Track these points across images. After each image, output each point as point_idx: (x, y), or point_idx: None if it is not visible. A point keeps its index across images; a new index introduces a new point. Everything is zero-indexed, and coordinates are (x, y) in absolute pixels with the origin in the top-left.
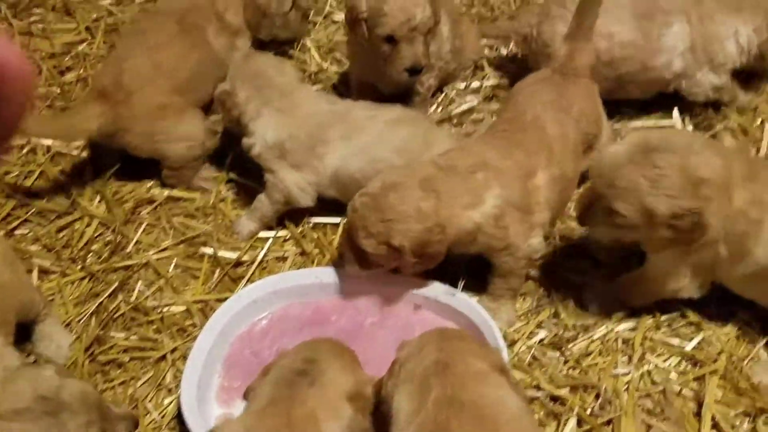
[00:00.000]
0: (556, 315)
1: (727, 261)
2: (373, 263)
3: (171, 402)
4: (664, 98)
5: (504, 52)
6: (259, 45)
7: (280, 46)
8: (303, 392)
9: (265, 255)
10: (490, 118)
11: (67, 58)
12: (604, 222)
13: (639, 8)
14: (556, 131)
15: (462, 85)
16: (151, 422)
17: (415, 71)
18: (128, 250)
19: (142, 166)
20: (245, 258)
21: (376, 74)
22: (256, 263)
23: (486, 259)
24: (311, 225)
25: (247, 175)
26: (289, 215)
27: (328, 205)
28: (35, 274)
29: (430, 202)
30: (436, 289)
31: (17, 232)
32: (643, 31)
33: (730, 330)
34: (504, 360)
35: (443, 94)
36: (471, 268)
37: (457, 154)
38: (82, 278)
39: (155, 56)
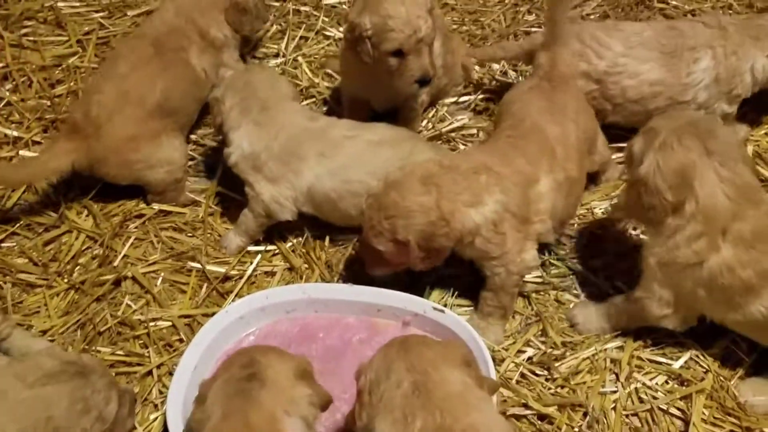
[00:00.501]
0: (544, 333)
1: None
2: (390, 263)
3: (156, 418)
4: None
5: (495, 67)
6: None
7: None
8: (256, 399)
9: (254, 270)
10: (480, 134)
11: (57, 71)
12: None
13: (665, 46)
14: (556, 133)
15: (452, 101)
16: None
17: (424, 82)
18: (115, 264)
19: None
20: (233, 273)
21: (370, 90)
22: (244, 278)
23: (480, 272)
24: (301, 241)
25: (237, 190)
26: (279, 231)
27: (318, 221)
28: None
29: (432, 197)
30: (425, 306)
31: (4, 245)
32: (671, 69)
33: (717, 349)
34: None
35: (434, 110)
36: (461, 285)
37: (460, 157)
38: (68, 289)
39: (123, 85)
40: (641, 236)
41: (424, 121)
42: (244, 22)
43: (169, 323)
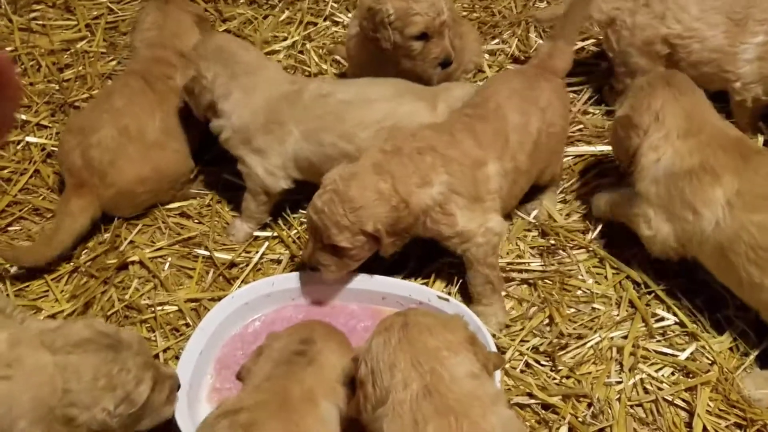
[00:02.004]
0: (550, 320)
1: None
2: (351, 259)
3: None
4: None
5: (508, 50)
6: None
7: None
8: (301, 371)
9: (261, 257)
10: None
11: (66, 55)
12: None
13: (734, 14)
14: (516, 121)
15: None
16: None
17: (447, 63)
18: (122, 248)
19: None
20: (239, 259)
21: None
22: (250, 265)
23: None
24: (305, 227)
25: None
26: (285, 219)
27: None
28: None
29: (387, 183)
30: (429, 294)
31: (11, 228)
32: (731, 38)
33: (723, 340)
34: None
35: None
36: (465, 273)
37: (402, 139)
38: (73, 273)
39: (120, 122)
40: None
41: None
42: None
43: (176, 308)
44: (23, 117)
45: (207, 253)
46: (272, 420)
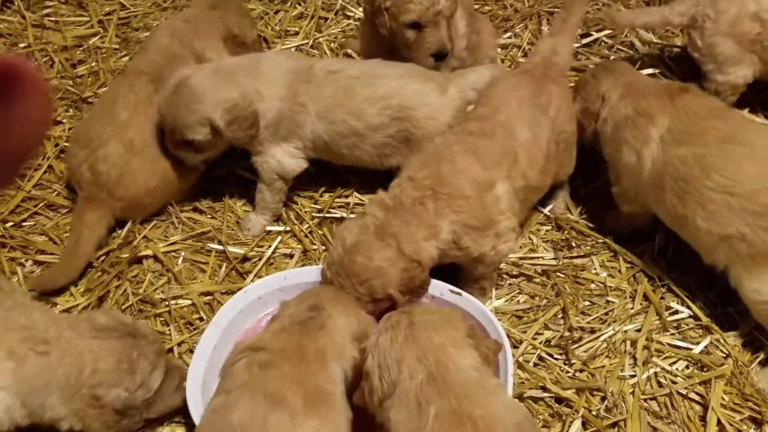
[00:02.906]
0: (563, 316)
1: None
2: (373, 312)
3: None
4: None
5: (521, 44)
6: None
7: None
8: (314, 332)
9: (273, 252)
10: None
11: (79, 51)
12: None
13: None
14: (526, 135)
15: None
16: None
17: (441, 56)
18: (135, 243)
19: None
20: (252, 254)
21: None
22: (263, 259)
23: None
24: (317, 222)
25: (254, 171)
26: (296, 213)
27: (335, 203)
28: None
29: (393, 247)
30: (442, 288)
31: (25, 224)
32: None
33: (738, 334)
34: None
35: None
36: None
37: (404, 187)
38: (87, 267)
39: (125, 135)
40: None
41: None
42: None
43: (190, 301)
44: None
45: (220, 247)
46: (287, 365)
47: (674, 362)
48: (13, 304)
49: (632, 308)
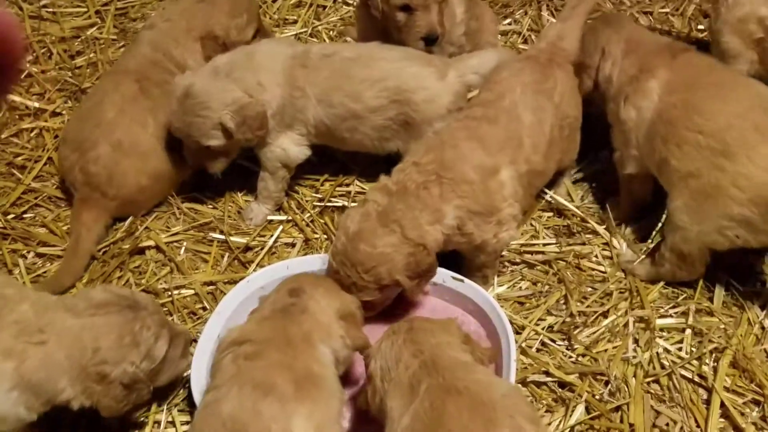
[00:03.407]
0: (565, 302)
1: None
2: (382, 304)
3: (181, 384)
4: None
5: (520, 30)
6: None
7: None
8: (297, 317)
9: (275, 241)
10: None
11: (77, 42)
12: None
13: None
14: (530, 120)
15: None
16: (163, 399)
17: (430, 40)
18: (137, 234)
19: None
20: (254, 243)
21: None
22: (265, 249)
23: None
24: (318, 211)
25: (253, 160)
26: (297, 202)
27: (336, 191)
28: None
29: (397, 233)
30: (444, 275)
31: (26, 216)
32: None
33: (742, 317)
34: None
35: None
36: None
37: (407, 172)
38: (91, 259)
39: (112, 136)
40: None
41: None
42: None
43: (193, 291)
44: (36, 105)
45: (222, 237)
46: (274, 352)
47: (677, 344)
48: (1, 302)
49: (634, 292)
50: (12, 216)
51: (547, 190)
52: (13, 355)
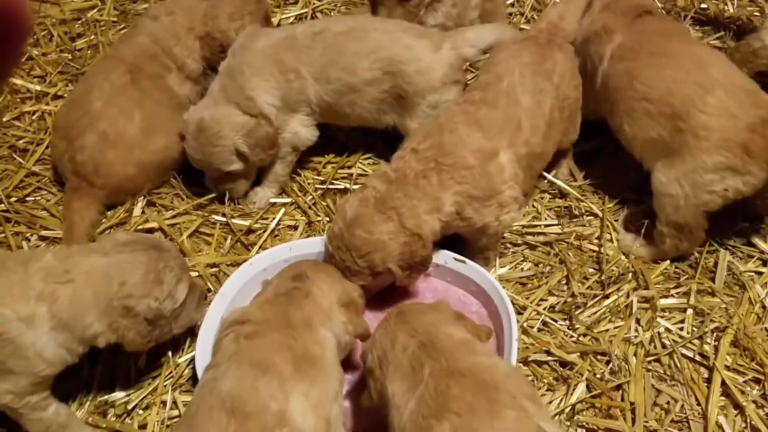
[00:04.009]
0: (566, 282)
1: None
2: (376, 288)
3: (186, 365)
4: None
5: (523, 11)
6: None
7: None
8: (300, 301)
9: (278, 223)
10: None
11: (77, 25)
12: None
13: None
14: (529, 102)
15: None
16: (168, 380)
17: None
18: (139, 216)
19: None
20: (257, 226)
21: None
22: (267, 231)
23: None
24: (320, 193)
25: None
26: (300, 184)
27: (338, 173)
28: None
29: (394, 221)
30: (446, 257)
31: (29, 199)
32: None
33: (743, 296)
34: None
35: None
36: None
37: (407, 159)
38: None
39: (98, 126)
40: None
41: None
42: (222, 59)
43: (196, 273)
44: (38, 88)
45: (224, 219)
46: (274, 333)
47: (678, 323)
48: (24, 258)
49: (636, 272)
50: (14, 199)
51: (546, 174)
52: (44, 298)
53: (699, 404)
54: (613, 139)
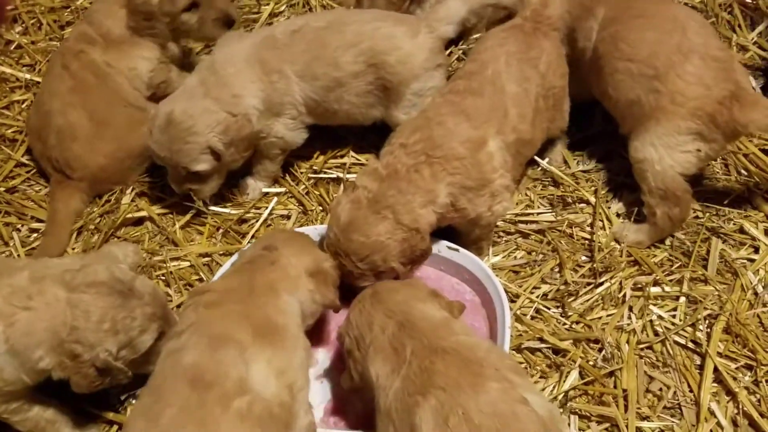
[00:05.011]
0: (559, 270)
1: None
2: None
3: None
4: None
5: None
6: None
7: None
8: (264, 268)
9: (270, 212)
10: None
11: (66, 13)
12: None
13: None
14: (515, 90)
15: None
16: None
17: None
18: (130, 205)
19: None
20: (249, 215)
21: None
22: (260, 220)
23: None
24: (313, 182)
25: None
26: (293, 174)
27: (330, 162)
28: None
29: (390, 220)
30: (439, 245)
31: (20, 188)
32: None
33: (735, 283)
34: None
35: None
36: None
37: (396, 154)
38: (80, 229)
39: (55, 123)
40: None
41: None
42: (154, 29)
43: (188, 263)
44: (27, 76)
45: (217, 209)
46: (233, 303)
47: (671, 312)
48: (5, 267)
49: (629, 259)
50: (3, 189)
51: (538, 158)
52: (3, 318)
53: (691, 391)
54: (607, 127)
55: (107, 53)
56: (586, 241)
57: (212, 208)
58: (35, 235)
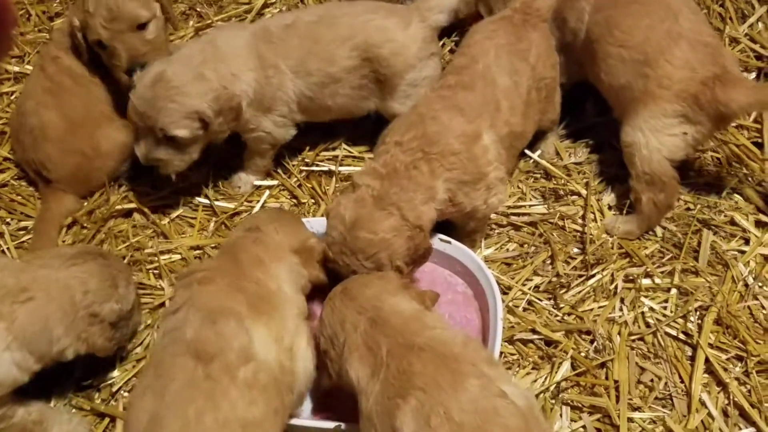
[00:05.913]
0: (551, 262)
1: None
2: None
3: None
4: None
5: None
6: None
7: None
8: (248, 245)
9: (263, 205)
10: None
11: (55, 4)
12: None
13: None
14: (506, 83)
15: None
16: None
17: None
18: (121, 198)
19: None
20: (242, 208)
21: None
22: (252, 213)
23: None
24: (305, 175)
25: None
26: (285, 166)
27: (322, 154)
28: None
29: (395, 216)
30: (432, 237)
31: (11, 182)
32: None
33: (726, 275)
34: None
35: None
36: None
37: (393, 153)
38: (72, 224)
39: (29, 123)
40: None
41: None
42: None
43: (180, 256)
44: (16, 69)
45: (207, 201)
46: (225, 278)
47: (662, 303)
48: None
49: (620, 251)
50: None
51: (529, 152)
52: (2, 318)
53: (682, 382)
54: (599, 119)
55: (83, 56)
56: (578, 233)
57: (203, 200)
58: (23, 232)
